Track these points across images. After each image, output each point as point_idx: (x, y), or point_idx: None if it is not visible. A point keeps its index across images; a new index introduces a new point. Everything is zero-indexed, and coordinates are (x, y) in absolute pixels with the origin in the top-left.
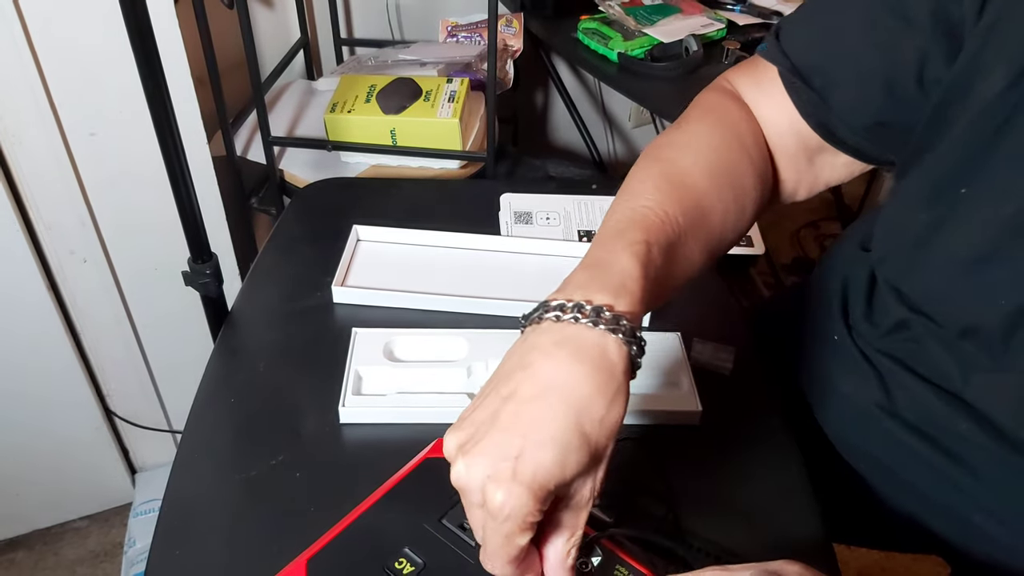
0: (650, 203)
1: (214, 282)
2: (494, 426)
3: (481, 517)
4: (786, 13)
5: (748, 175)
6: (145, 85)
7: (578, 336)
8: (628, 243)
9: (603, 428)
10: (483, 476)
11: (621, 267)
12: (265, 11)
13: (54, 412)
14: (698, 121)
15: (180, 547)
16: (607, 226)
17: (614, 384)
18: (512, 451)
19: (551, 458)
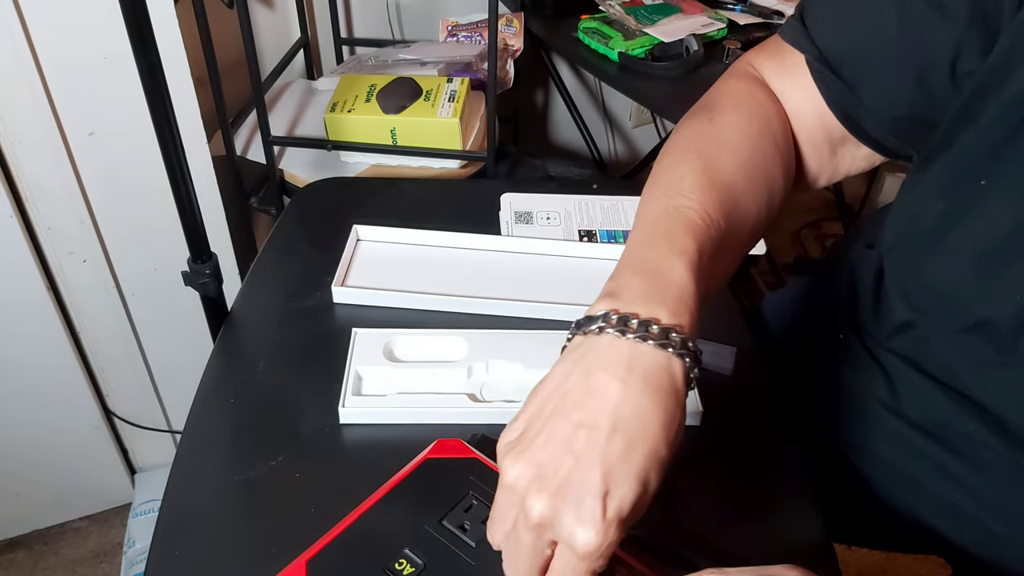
0: (692, 203)
1: (214, 282)
2: (570, 457)
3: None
4: (787, 13)
5: (779, 172)
6: (145, 85)
7: (647, 359)
8: (680, 250)
9: (672, 449)
10: (571, 517)
11: (678, 279)
12: (265, 11)
13: (54, 412)
14: (732, 113)
15: (180, 547)
16: (649, 222)
17: (680, 406)
18: (598, 489)
19: (635, 494)
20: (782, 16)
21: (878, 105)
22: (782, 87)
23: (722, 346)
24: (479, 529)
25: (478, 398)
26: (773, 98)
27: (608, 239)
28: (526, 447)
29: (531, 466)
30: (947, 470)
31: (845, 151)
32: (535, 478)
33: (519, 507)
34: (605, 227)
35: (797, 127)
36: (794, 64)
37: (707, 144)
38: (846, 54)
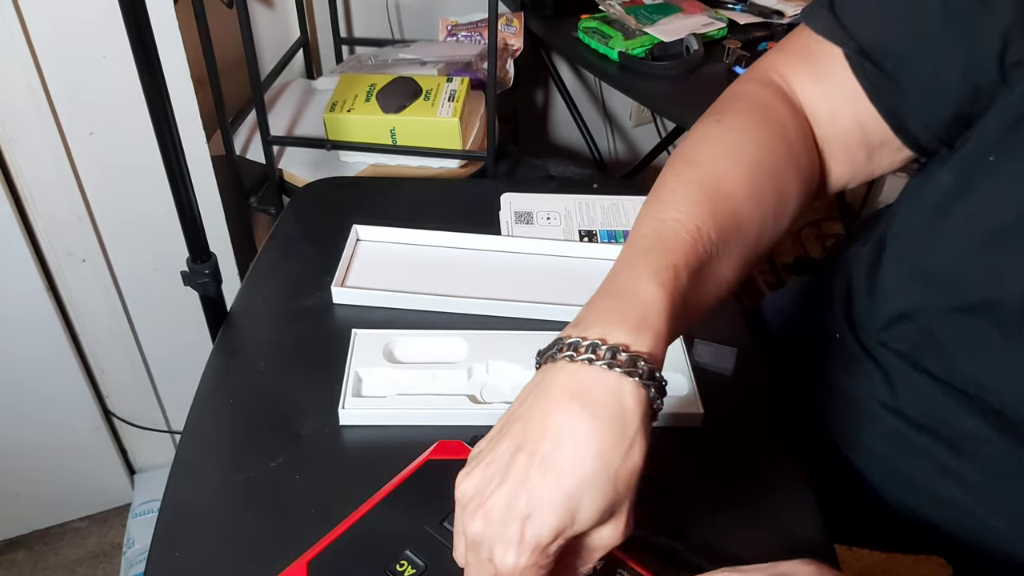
0: (680, 216)
1: (213, 282)
2: (504, 481)
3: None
4: (787, 12)
5: (792, 180)
6: (144, 84)
7: (593, 383)
8: (655, 268)
9: (619, 480)
10: (492, 535)
11: (645, 298)
12: (265, 10)
13: (53, 412)
14: (740, 116)
15: (179, 548)
16: (635, 239)
17: (629, 434)
18: (521, 511)
19: (558, 521)
20: (782, 15)
21: (922, 99)
22: (812, 92)
23: (722, 346)
24: None
25: (478, 399)
26: (790, 103)
27: (608, 239)
28: (475, 465)
29: (473, 484)
30: (946, 466)
31: (883, 154)
32: (475, 495)
33: (460, 523)
34: (605, 227)
35: (828, 135)
36: (827, 66)
37: (710, 151)
38: (887, 46)
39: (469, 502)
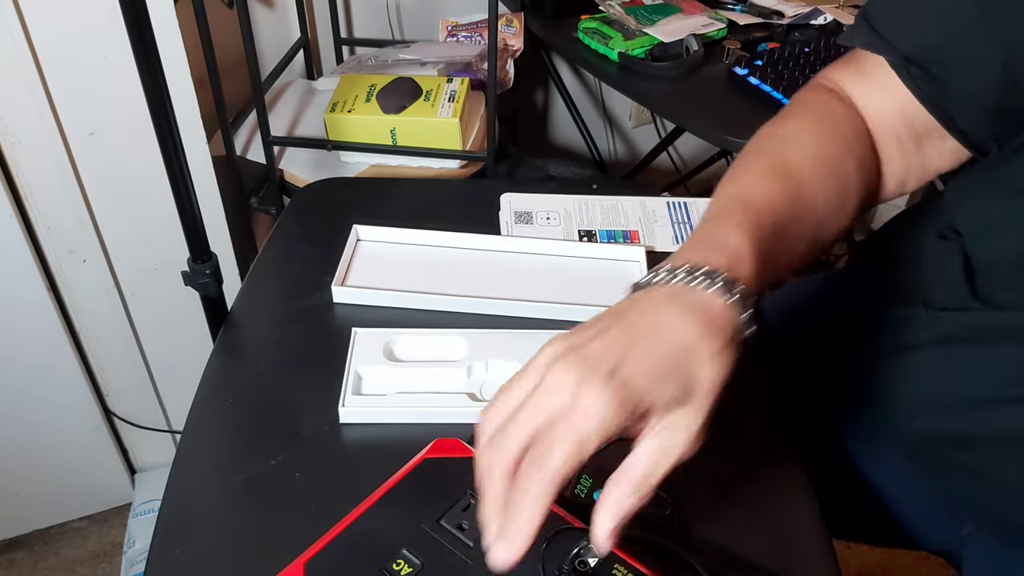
0: (753, 190)
1: (213, 282)
2: (599, 337)
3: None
4: (787, 13)
5: (850, 168)
6: (145, 85)
7: (690, 292)
8: (737, 223)
9: (704, 373)
10: (576, 377)
11: (733, 243)
12: (265, 11)
13: (53, 412)
14: (797, 117)
15: (179, 547)
16: (710, 212)
17: (720, 340)
18: (613, 356)
19: (649, 370)
20: (782, 16)
21: (968, 97)
22: (860, 92)
23: None
24: (477, 529)
25: (478, 398)
26: (846, 104)
27: (608, 239)
28: (561, 339)
29: (560, 346)
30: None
31: (930, 145)
32: (561, 352)
33: (532, 375)
34: (605, 227)
35: (879, 127)
36: (871, 67)
37: (771, 142)
38: (929, 50)
39: (559, 352)
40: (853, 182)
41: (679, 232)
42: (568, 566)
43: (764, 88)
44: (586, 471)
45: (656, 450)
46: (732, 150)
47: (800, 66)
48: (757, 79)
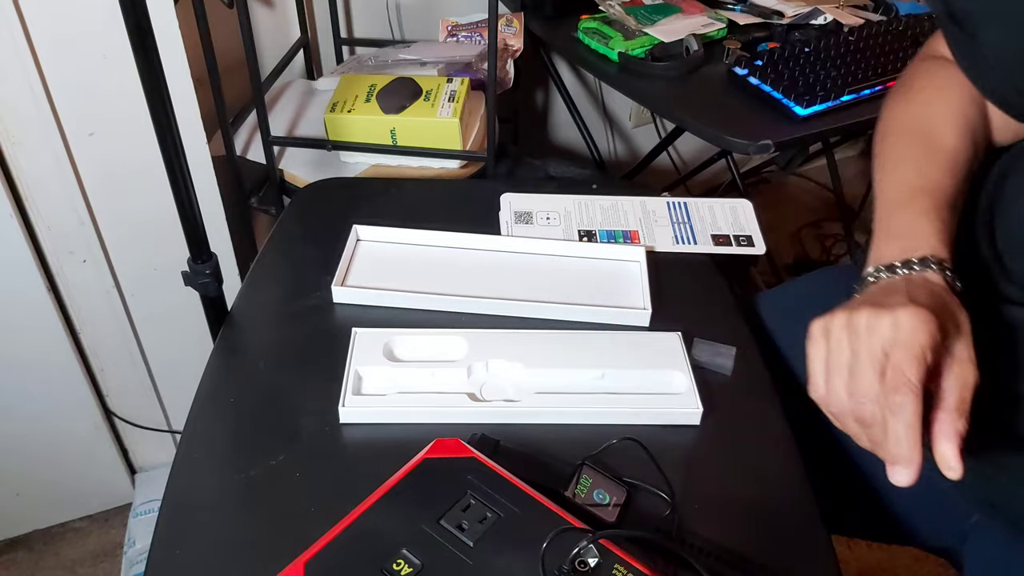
0: (917, 173)
1: (214, 282)
2: (875, 297)
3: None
4: (788, 13)
5: (982, 132)
6: (145, 85)
7: (916, 274)
8: (919, 211)
9: (961, 316)
10: (884, 312)
11: (924, 232)
12: (265, 11)
13: (54, 412)
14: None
15: (180, 547)
16: (887, 199)
17: (954, 296)
18: (903, 299)
19: (931, 301)
20: (782, 16)
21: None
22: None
23: (722, 346)
24: (477, 528)
25: (478, 398)
26: (953, 66)
27: (608, 239)
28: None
29: (846, 310)
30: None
31: None
32: (857, 308)
33: (845, 332)
34: (605, 227)
35: None
36: None
37: (911, 121)
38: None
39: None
40: (984, 143)
41: (679, 232)
42: (568, 566)
43: (764, 88)
44: (590, 477)
45: (957, 379)
46: (732, 150)
47: (800, 66)
48: (757, 79)
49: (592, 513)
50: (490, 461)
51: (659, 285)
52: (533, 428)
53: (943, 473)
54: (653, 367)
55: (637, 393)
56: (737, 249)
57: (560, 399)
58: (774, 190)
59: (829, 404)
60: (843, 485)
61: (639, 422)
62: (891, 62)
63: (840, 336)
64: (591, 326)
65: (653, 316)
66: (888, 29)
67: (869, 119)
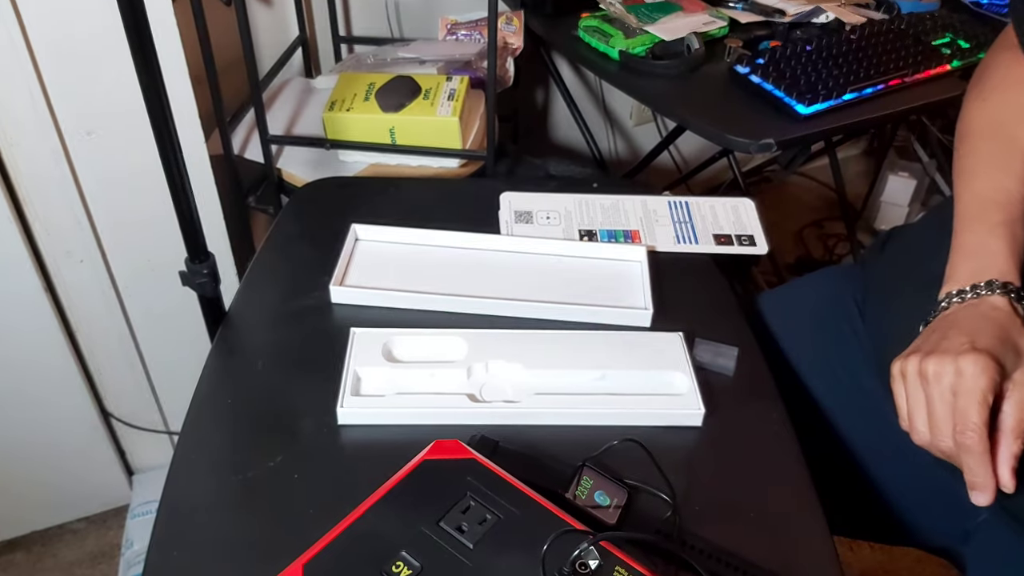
0: (993, 185)
1: (211, 282)
2: (945, 339)
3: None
4: (789, 11)
5: None
6: (142, 83)
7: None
8: (990, 227)
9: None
10: (950, 360)
11: (993, 251)
12: (263, 9)
13: (51, 413)
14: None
15: (177, 549)
16: (962, 211)
17: (1019, 320)
18: (965, 341)
19: (994, 341)
20: (784, 14)
21: None
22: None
23: (723, 346)
24: (476, 530)
25: (477, 398)
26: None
27: (609, 238)
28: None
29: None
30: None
31: None
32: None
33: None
34: (605, 226)
35: None
36: None
37: (988, 124)
38: None
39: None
40: None
41: (680, 231)
42: (568, 568)
43: (766, 86)
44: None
45: (1016, 404)
46: (734, 149)
47: (802, 64)
48: (759, 77)
49: (593, 515)
50: (490, 462)
51: (660, 285)
52: (533, 429)
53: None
54: (654, 368)
55: (638, 394)
56: (739, 249)
57: (560, 400)
58: (776, 189)
59: (914, 437)
60: (845, 486)
61: (640, 423)
62: (893, 61)
63: (914, 381)
64: (591, 326)
65: (654, 316)
66: (890, 27)
67: (871, 118)
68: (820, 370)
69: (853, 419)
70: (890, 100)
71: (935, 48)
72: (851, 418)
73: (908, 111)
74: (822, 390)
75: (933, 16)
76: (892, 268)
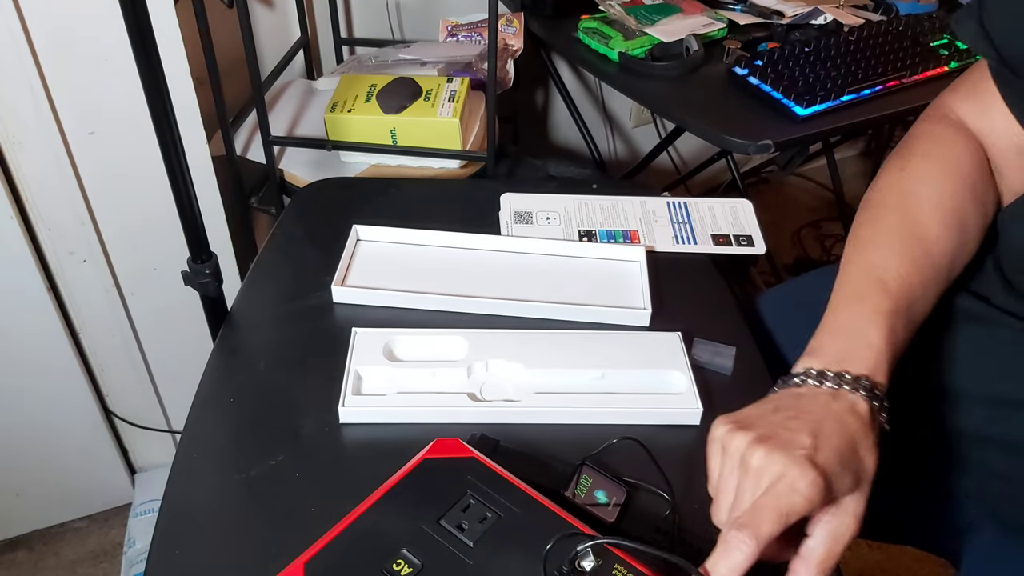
0: (887, 264)
1: (213, 282)
2: (786, 427)
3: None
4: (787, 13)
5: (975, 217)
6: (145, 84)
7: (845, 393)
8: (872, 313)
9: (868, 462)
10: (783, 462)
11: (869, 341)
12: (265, 10)
13: (53, 412)
14: (922, 160)
15: (179, 547)
16: (845, 284)
17: (872, 436)
18: (808, 444)
19: (836, 457)
20: (782, 16)
21: None
22: (982, 122)
23: (722, 346)
24: (477, 529)
25: (478, 397)
26: (963, 132)
27: (608, 239)
28: (747, 427)
29: (748, 437)
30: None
31: None
32: (756, 439)
33: (738, 462)
34: (605, 227)
35: (998, 145)
36: (989, 92)
37: (898, 197)
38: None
39: (751, 444)
40: (974, 225)
41: (679, 232)
42: (568, 566)
43: (764, 88)
44: (590, 476)
45: (831, 533)
46: (732, 150)
47: (800, 66)
48: (757, 79)
49: (592, 513)
50: (490, 461)
51: (659, 285)
52: (533, 428)
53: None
54: (653, 367)
55: (637, 393)
56: (737, 249)
57: (560, 399)
58: (774, 190)
59: (713, 516)
60: None
61: (639, 422)
62: (891, 62)
63: (733, 463)
64: (591, 326)
65: (653, 316)
66: (888, 29)
67: (869, 119)
68: None
69: None
70: (888, 101)
71: (933, 49)
72: None
73: (906, 112)
74: None
75: (931, 17)
76: None
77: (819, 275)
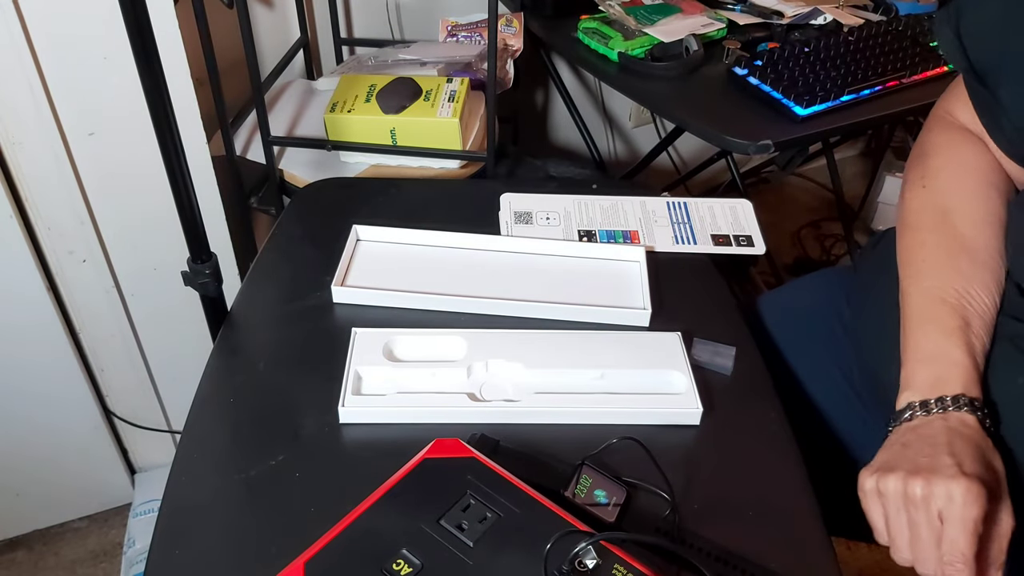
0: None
1: (213, 282)
2: (925, 456)
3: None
4: (787, 13)
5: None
6: (144, 85)
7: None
8: (946, 333)
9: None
10: (943, 484)
11: (954, 360)
12: (265, 11)
13: (53, 412)
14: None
15: (179, 547)
16: (913, 312)
17: (989, 440)
18: (951, 463)
19: (978, 465)
20: (782, 16)
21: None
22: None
23: (722, 346)
24: (477, 528)
25: (478, 397)
26: (973, 139)
27: (608, 239)
28: (892, 469)
29: (900, 474)
30: None
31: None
32: (908, 474)
33: (902, 500)
34: (605, 227)
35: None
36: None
37: (932, 218)
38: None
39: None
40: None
41: (679, 232)
42: (568, 566)
43: (764, 88)
44: (590, 476)
45: (1005, 534)
46: (732, 150)
47: (800, 66)
48: (757, 79)
49: (592, 513)
50: (490, 461)
51: (659, 285)
52: (533, 428)
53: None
54: (653, 367)
55: (637, 393)
56: (737, 249)
57: (560, 399)
58: (774, 190)
59: (895, 557)
60: (843, 486)
61: (639, 422)
62: (891, 62)
63: (897, 502)
64: (591, 326)
65: (653, 316)
66: (888, 29)
67: (869, 119)
68: (816, 370)
69: (849, 419)
70: (888, 101)
71: (933, 49)
72: (846, 418)
73: (905, 112)
74: (818, 390)
75: (931, 17)
76: (879, 268)
77: (820, 275)
